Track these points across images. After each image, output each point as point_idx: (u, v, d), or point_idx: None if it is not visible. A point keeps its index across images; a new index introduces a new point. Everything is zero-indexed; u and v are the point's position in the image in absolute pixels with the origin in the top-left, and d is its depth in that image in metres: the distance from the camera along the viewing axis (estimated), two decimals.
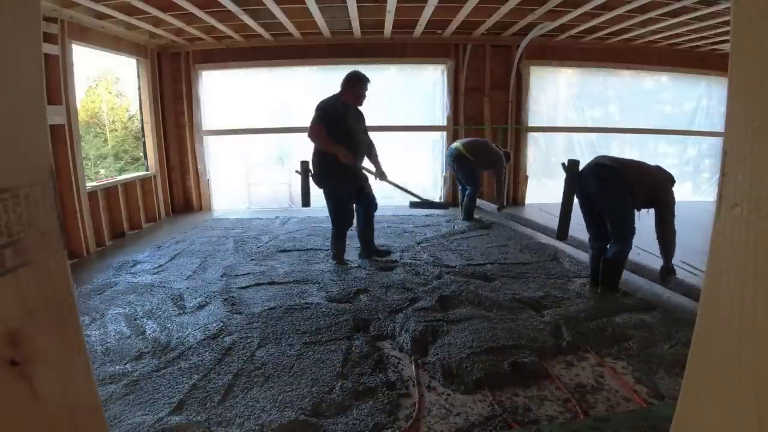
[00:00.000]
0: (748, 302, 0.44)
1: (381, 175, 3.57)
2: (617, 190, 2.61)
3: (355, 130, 3.31)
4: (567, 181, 2.76)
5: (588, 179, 2.71)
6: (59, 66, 3.78)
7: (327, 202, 3.39)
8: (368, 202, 3.50)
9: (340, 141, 3.19)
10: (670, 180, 2.70)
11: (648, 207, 2.67)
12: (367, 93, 3.36)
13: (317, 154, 3.31)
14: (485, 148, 4.83)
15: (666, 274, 2.68)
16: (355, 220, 3.53)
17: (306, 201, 3.53)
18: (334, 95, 3.32)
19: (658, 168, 2.77)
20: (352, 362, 2.00)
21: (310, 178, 3.45)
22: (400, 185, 3.94)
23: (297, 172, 3.50)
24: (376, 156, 3.56)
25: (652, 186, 2.61)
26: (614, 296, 2.71)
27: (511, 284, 2.93)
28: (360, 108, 3.42)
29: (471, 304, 2.56)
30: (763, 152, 0.42)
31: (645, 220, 2.69)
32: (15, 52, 0.44)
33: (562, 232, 2.89)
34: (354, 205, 3.44)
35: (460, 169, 4.84)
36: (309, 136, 3.23)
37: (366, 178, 3.50)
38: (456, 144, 4.88)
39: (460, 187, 5.20)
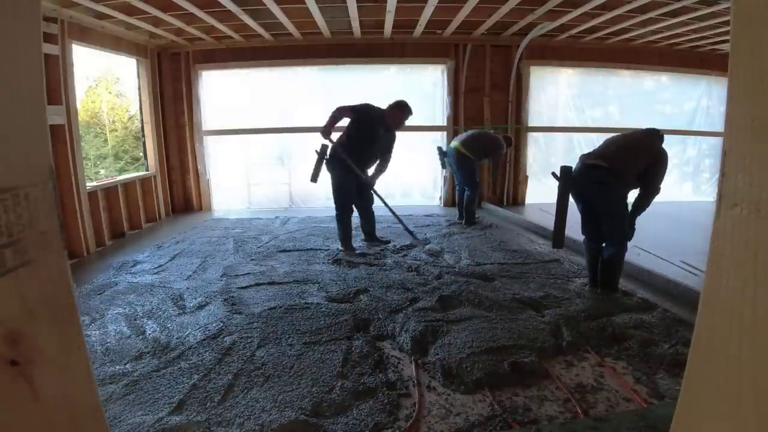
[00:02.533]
0: (748, 302, 0.44)
1: (369, 181, 3.83)
2: (613, 194, 2.60)
3: (373, 140, 3.69)
4: (560, 189, 2.74)
5: (582, 183, 2.69)
6: (59, 66, 3.78)
7: (332, 189, 3.79)
8: (365, 197, 3.92)
9: (357, 139, 3.62)
10: (658, 138, 2.66)
11: (636, 186, 2.66)
12: (405, 123, 3.83)
13: (339, 145, 3.66)
14: (484, 138, 4.71)
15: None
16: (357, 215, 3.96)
17: (315, 178, 3.77)
18: (380, 108, 3.76)
19: (643, 135, 2.73)
20: (352, 362, 2.00)
21: (324, 162, 3.75)
22: (384, 200, 4.04)
23: (316, 151, 3.72)
24: (379, 171, 3.88)
25: (643, 164, 2.60)
26: (614, 296, 2.71)
27: (511, 284, 2.93)
28: (394, 133, 3.84)
29: (471, 304, 2.56)
30: (763, 152, 0.42)
31: (646, 221, 2.69)
32: (15, 52, 0.44)
33: (558, 242, 2.88)
34: (355, 197, 3.84)
35: (461, 170, 4.73)
36: (334, 110, 3.60)
37: (365, 174, 3.83)
38: (454, 144, 4.74)
39: (457, 188, 5.09)
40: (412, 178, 6.19)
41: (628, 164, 2.59)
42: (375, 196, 3.97)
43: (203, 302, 2.71)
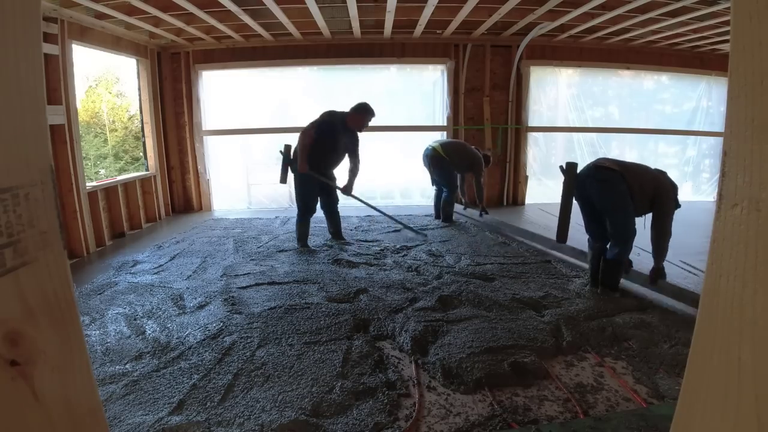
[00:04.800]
0: (748, 302, 0.44)
1: (345, 190, 3.97)
2: (617, 192, 2.59)
3: (338, 148, 3.81)
4: (565, 184, 2.75)
5: (588, 181, 2.69)
6: (59, 66, 3.78)
7: (295, 190, 3.99)
8: (329, 196, 3.99)
9: (321, 150, 3.70)
10: (673, 187, 2.67)
11: (648, 212, 2.66)
12: (369, 124, 3.87)
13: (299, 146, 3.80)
14: (462, 149, 4.75)
15: (656, 276, 2.70)
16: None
17: (284, 179, 4.02)
18: (342, 113, 3.82)
19: (662, 173, 2.74)
20: (352, 362, 2.00)
21: (289, 163, 3.91)
22: (368, 202, 4.30)
23: (280, 152, 3.95)
24: (353, 175, 3.95)
25: (654, 190, 2.59)
26: (614, 296, 2.71)
27: (511, 284, 2.93)
28: (357, 134, 3.87)
29: (471, 304, 2.56)
30: (763, 152, 0.42)
31: (647, 220, 2.69)
32: (15, 52, 0.44)
33: (561, 236, 2.88)
34: (318, 197, 3.96)
35: (436, 170, 4.75)
36: (300, 134, 3.72)
37: (334, 179, 4.00)
38: (432, 144, 4.78)
39: (434, 189, 5.10)
40: (412, 179, 6.20)
41: (640, 182, 2.59)
42: (357, 201, 4.11)
43: (203, 302, 2.71)
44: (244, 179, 6.26)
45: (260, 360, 2.02)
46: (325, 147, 3.72)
